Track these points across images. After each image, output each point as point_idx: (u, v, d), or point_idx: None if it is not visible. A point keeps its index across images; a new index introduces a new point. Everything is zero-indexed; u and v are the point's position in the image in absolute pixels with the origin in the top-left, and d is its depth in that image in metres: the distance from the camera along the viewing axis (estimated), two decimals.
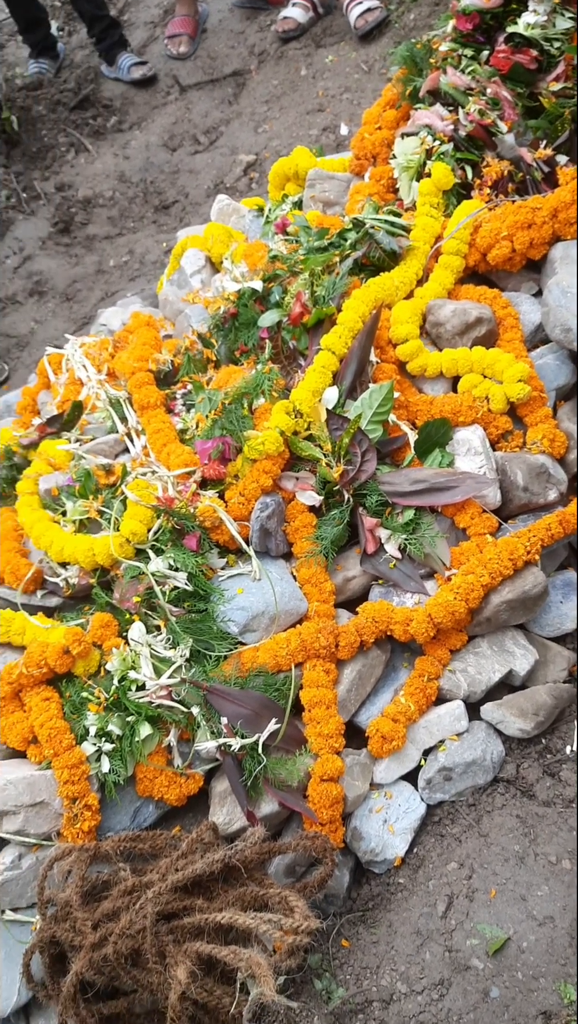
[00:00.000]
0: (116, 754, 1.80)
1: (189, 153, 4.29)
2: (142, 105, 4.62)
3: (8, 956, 1.72)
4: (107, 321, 2.89)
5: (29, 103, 4.56)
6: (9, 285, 3.93)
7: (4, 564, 2.06)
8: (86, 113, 4.62)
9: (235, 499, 1.98)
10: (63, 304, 3.80)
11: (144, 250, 3.88)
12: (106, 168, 4.35)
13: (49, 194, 4.29)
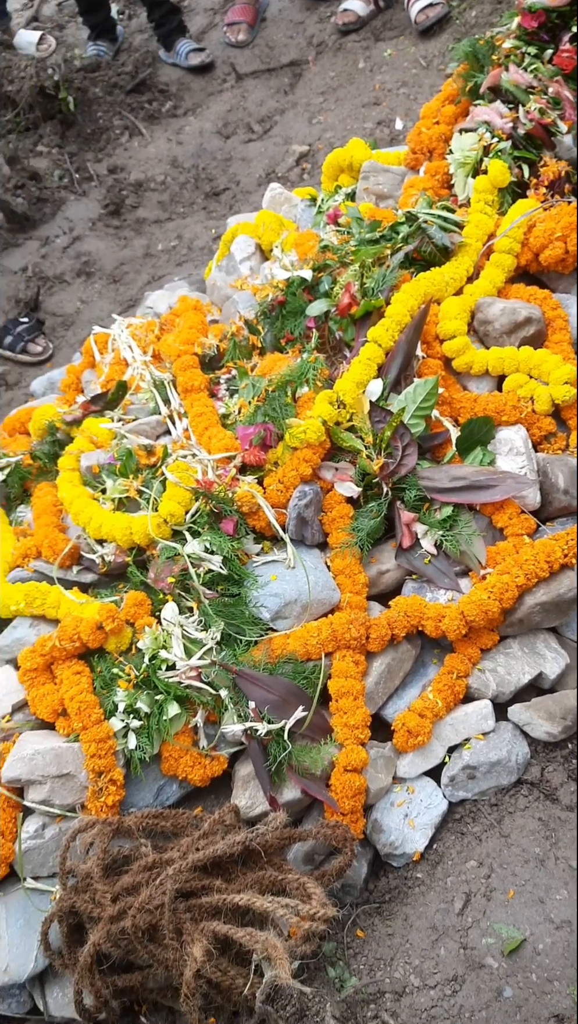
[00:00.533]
0: (143, 731, 1.82)
1: (242, 141, 4.29)
2: (198, 91, 4.63)
3: (27, 923, 1.74)
4: (153, 304, 2.91)
5: (86, 85, 4.59)
6: (57, 264, 3.96)
7: (42, 538, 2.09)
8: (142, 97, 4.64)
9: (274, 486, 1.98)
10: (109, 285, 3.82)
11: (192, 236, 3.89)
12: (159, 152, 4.37)
13: (101, 176, 4.31)
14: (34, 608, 1.97)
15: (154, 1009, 1.77)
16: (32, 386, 2.90)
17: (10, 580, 2.05)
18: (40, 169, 4.32)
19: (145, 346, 2.43)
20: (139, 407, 2.30)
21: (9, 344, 3.54)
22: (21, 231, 4.12)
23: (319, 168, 3.86)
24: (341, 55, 4.43)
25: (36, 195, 4.20)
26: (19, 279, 3.92)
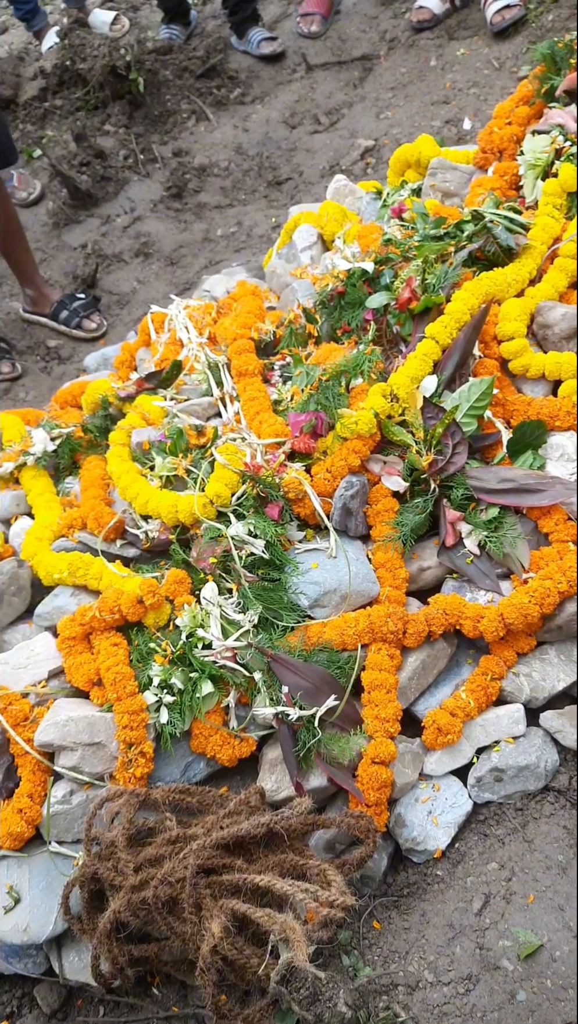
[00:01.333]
0: (175, 707, 1.83)
1: (308, 132, 4.29)
2: (267, 80, 4.64)
3: (49, 886, 1.77)
4: (211, 288, 2.92)
5: (157, 67, 4.61)
6: (117, 243, 3.99)
7: (88, 510, 2.11)
8: (211, 82, 4.66)
9: (321, 474, 1.99)
10: (167, 267, 3.84)
11: (252, 223, 3.90)
12: (224, 138, 4.38)
13: (166, 158, 4.34)
14: (76, 578, 1.99)
15: (167, 981, 1.79)
16: (85, 361, 2.93)
17: (54, 549, 2.08)
18: (106, 148, 4.35)
19: (201, 328, 2.44)
20: (192, 388, 2.32)
21: (65, 319, 3.58)
22: (83, 208, 4.16)
23: (383, 163, 3.86)
24: (413, 52, 4.41)
25: (100, 173, 4.23)
26: (78, 255, 3.96)
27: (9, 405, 3.33)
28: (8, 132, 3.19)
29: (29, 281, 3.58)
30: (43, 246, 4.04)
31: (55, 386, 3.34)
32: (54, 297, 3.62)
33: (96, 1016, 1.78)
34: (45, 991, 1.81)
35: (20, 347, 3.60)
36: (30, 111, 4.69)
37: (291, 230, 2.76)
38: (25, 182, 4.29)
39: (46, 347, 3.58)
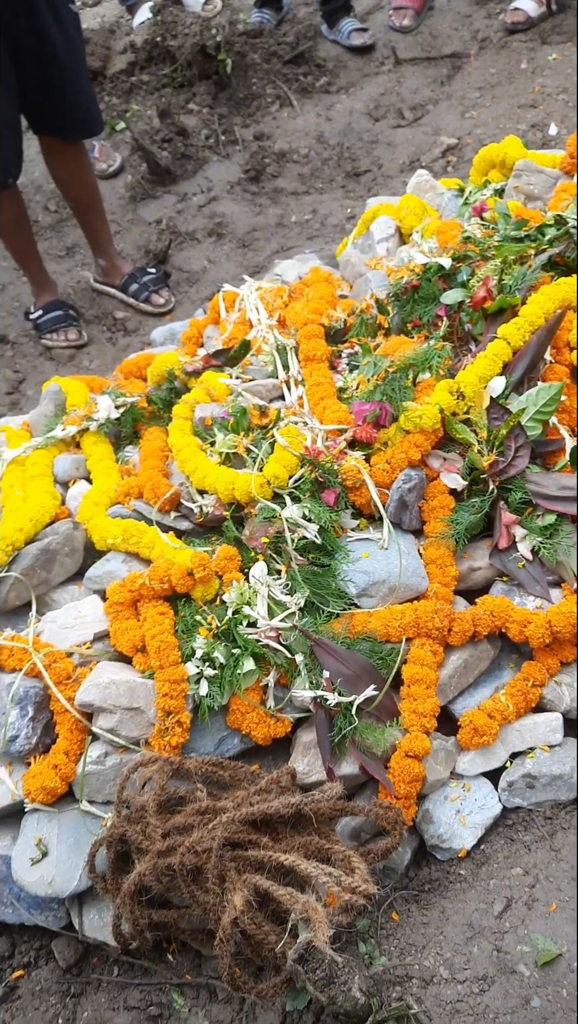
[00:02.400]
0: (216, 681, 1.85)
1: (391, 126, 4.28)
2: (354, 71, 4.63)
3: (76, 843, 1.80)
4: (282, 272, 2.93)
5: (246, 50, 4.62)
6: (191, 221, 4.01)
7: (146, 480, 2.13)
8: (298, 69, 4.66)
9: (381, 465, 1.99)
10: (238, 249, 3.86)
11: (327, 212, 3.90)
12: (307, 126, 4.38)
13: (246, 141, 4.35)
14: (129, 545, 2.01)
15: (182, 949, 1.81)
16: (152, 334, 2.96)
17: (109, 515, 2.10)
18: (188, 126, 4.38)
19: (272, 310, 2.45)
20: (257, 369, 2.33)
21: (134, 292, 3.61)
22: (161, 184, 4.19)
23: (464, 162, 3.84)
24: (504, 53, 4.37)
25: (181, 151, 4.26)
26: (152, 231, 3.99)
27: (72, 371, 3.37)
28: (96, 102, 3.22)
29: (102, 252, 3.62)
30: (118, 219, 4.08)
31: (119, 357, 3.38)
32: (125, 270, 3.66)
33: (110, 975, 1.81)
34: (63, 945, 1.84)
35: (88, 316, 3.64)
36: (117, 84, 4.72)
37: (369, 220, 2.75)
38: (106, 154, 4.33)
39: (113, 318, 3.62)
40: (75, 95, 3.05)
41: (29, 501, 2.13)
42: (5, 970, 1.85)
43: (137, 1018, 1.73)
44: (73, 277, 3.86)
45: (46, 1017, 1.77)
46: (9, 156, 3.05)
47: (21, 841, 1.82)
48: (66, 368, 3.41)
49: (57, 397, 2.48)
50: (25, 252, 3.41)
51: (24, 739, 1.85)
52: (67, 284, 3.80)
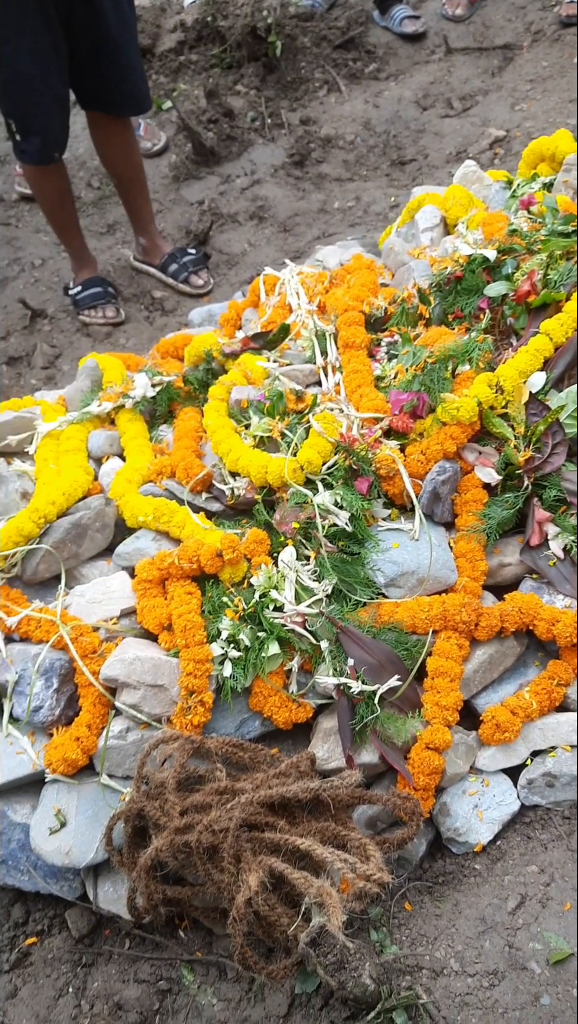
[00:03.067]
0: (240, 663, 1.85)
1: (439, 116, 4.24)
2: (404, 58, 4.59)
3: (95, 816, 1.81)
4: (323, 258, 2.91)
5: (296, 33, 4.59)
6: (233, 204, 4.00)
7: (179, 460, 2.13)
8: (348, 54, 4.62)
9: (415, 456, 1.98)
10: (279, 233, 3.84)
11: (371, 200, 3.87)
12: (354, 112, 4.35)
13: (292, 125, 4.32)
14: (160, 523, 2.02)
15: (194, 926, 1.82)
16: (190, 315, 2.95)
17: (141, 493, 2.11)
18: (235, 108, 4.36)
19: (312, 296, 2.44)
20: (295, 353, 2.32)
21: (173, 272, 3.61)
22: (205, 165, 4.18)
23: (512, 155, 3.79)
24: (557, 47, 4.31)
25: (226, 132, 4.25)
26: (194, 211, 3.98)
27: (109, 349, 3.38)
28: (145, 80, 3.21)
29: (144, 230, 3.62)
30: (161, 198, 4.07)
31: (155, 336, 3.38)
32: (165, 249, 3.66)
33: (121, 948, 1.82)
34: (76, 915, 1.86)
35: (126, 294, 3.64)
36: (165, 63, 4.71)
37: (414, 209, 2.73)
38: (151, 132, 4.32)
39: (151, 297, 3.62)
40: (125, 71, 3.05)
41: (63, 475, 2.14)
42: (18, 936, 1.87)
43: (147, 992, 1.75)
44: (113, 255, 3.86)
45: (57, 985, 1.79)
46: (56, 130, 3.05)
47: (40, 810, 1.84)
48: (102, 345, 3.42)
49: (94, 373, 2.49)
50: (67, 227, 3.42)
51: (48, 710, 1.87)
52: (107, 261, 3.81)
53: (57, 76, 2.93)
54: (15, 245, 3.92)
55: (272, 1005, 1.67)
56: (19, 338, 3.48)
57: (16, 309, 3.58)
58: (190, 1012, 1.71)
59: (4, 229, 4.00)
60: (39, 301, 3.63)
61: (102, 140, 3.30)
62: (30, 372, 3.35)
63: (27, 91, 2.90)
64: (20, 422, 2.35)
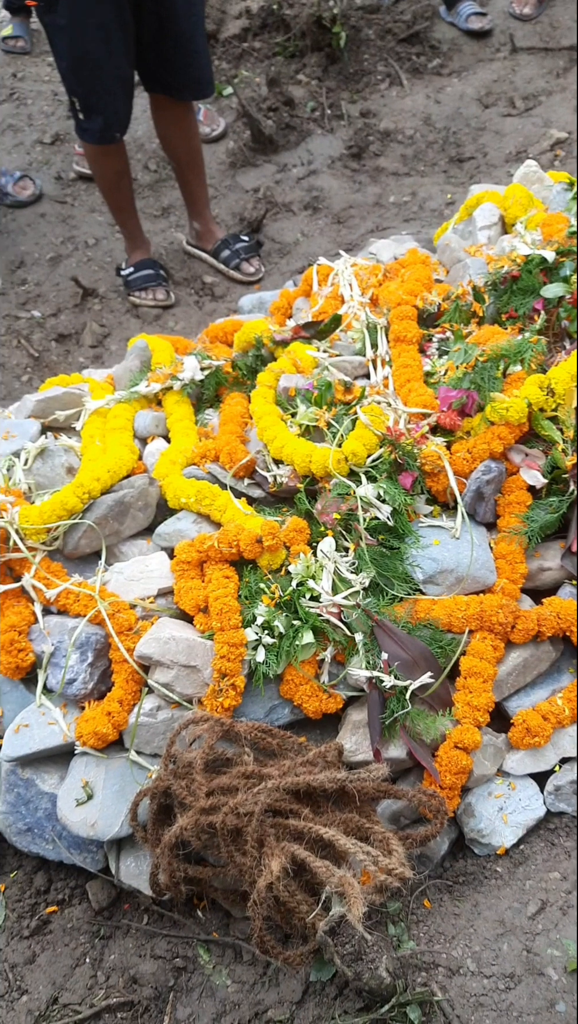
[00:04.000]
0: (273, 650, 1.86)
1: (501, 114, 4.20)
2: (469, 55, 4.55)
3: (121, 791, 1.83)
4: (377, 251, 2.90)
5: (361, 25, 4.58)
6: (288, 193, 4.00)
7: (223, 444, 2.14)
8: (412, 48, 4.60)
9: (462, 454, 1.97)
10: (332, 225, 3.83)
11: (427, 195, 3.85)
12: (414, 107, 4.32)
13: (352, 117, 4.31)
14: (202, 506, 2.03)
15: (212, 907, 1.84)
16: (241, 301, 2.96)
17: (184, 475, 2.12)
18: (296, 97, 4.35)
19: (365, 288, 2.43)
20: (345, 345, 2.31)
21: (225, 258, 3.61)
22: (262, 153, 4.18)
23: (573, 158, 3.75)
24: None
25: (286, 121, 4.24)
26: (249, 199, 3.99)
27: (157, 331, 3.39)
28: (209, 64, 3.21)
29: (198, 215, 3.63)
30: (216, 184, 4.08)
31: (204, 320, 3.39)
32: (219, 235, 3.66)
33: (140, 923, 1.84)
34: (97, 888, 1.88)
35: (177, 278, 3.66)
36: (228, 49, 4.71)
37: (472, 207, 2.71)
38: (211, 118, 4.33)
39: (202, 282, 3.63)
40: (190, 55, 3.05)
41: (108, 452, 2.16)
42: (39, 904, 1.89)
43: (162, 967, 1.76)
44: (166, 238, 3.88)
45: (74, 954, 1.81)
46: (119, 110, 3.07)
47: (68, 782, 1.86)
48: (151, 327, 3.43)
49: (143, 354, 2.50)
50: (123, 208, 3.44)
51: (81, 683, 1.89)
52: (160, 244, 3.82)
53: (123, 57, 2.94)
54: (70, 224, 3.95)
55: (286, 991, 1.68)
56: (69, 315, 3.51)
57: (68, 287, 3.61)
58: (204, 991, 1.73)
59: (60, 207, 4.03)
60: (91, 280, 3.65)
61: (163, 123, 3.31)
62: (78, 350, 3.38)
63: (93, 70, 2.92)
64: (69, 398, 2.37)
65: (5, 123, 4.57)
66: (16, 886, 1.92)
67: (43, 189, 4.11)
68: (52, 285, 3.65)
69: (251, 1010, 1.68)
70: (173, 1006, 1.72)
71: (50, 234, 3.90)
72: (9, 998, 1.77)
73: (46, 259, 3.78)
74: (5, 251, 3.81)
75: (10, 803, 1.90)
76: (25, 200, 4.02)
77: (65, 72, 2.97)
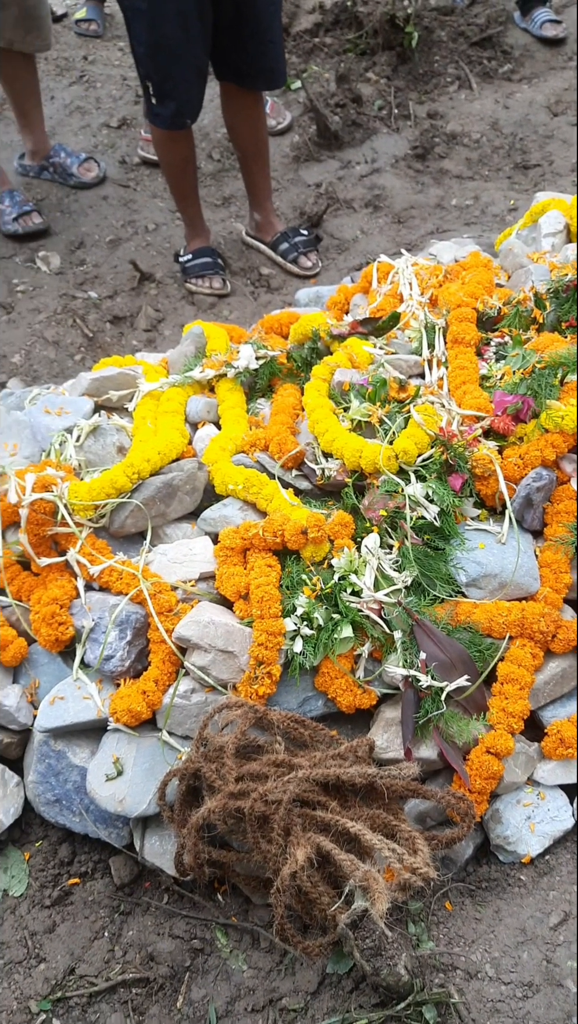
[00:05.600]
0: (311, 641, 1.86)
1: (569, 123, 4.16)
2: (541, 62, 4.52)
3: (151, 769, 1.84)
4: (437, 253, 2.88)
5: (434, 26, 4.56)
6: (350, 190, 3.99)
7: (274, 434, 2.14)
8: (483, 52, 4.57)
9: (513, 459, 1.96)
10: (392, 224, 3.82)
11: (489, 200, 3.82)
12: (483, 111, 4.30)
13: (419, 118, 4.29)
14: (249, 494, 2.03)
15: (232, 891, 1.84)
16: (298, 294, 2.96)
17: (233, 462, 2.13)
18: (364, 95, 4.35)
19: (425, 288, 2.43)
20: (401, 343, 2.31)
21: (283, 251, 3.62)
22: (327, 148, 4.18)
23: None
24: None
25: (352, 118, 4.23)
26: (310, 193, 3.99)
27: (211, 319, 3.41)
28: (283, 56, 3.21)
29: (259, 206, 3.64)
30: (279, 177, 4.08)
31: (258, 311, 3.40)
32: (278, 228, 3.67)
33: (160, 901, 1.85)
34: (120, 863, 1.90)
35: (234, 267, 3.67)
36: (299, 43, 4.72)
37: (537, 213, 2.69)
38: (277, 111, 4.33)
39: (258, 273, 3.64)
40: (265, 45, 3.06)
41: (159, 435, 2.17)
42: (62, 875, 1.91)
43: (180, 948, 1.77)
44: (226, 227, 3.89)
45: (93, 927, 1.83)
46: (192, 97, 3.08)
47: (99, 756, 1.87)
48: (205, 315, 3.45)
49: (199, 340, 2.51)
50: (186, 195, 3.45)
51: (118, 660, 1.90)
52: (219, 233, 3.84)
53: (199, 44, 2.96)
54: (132, 208, 3.98)
55: (302, 980, 1.69)
56: (125, 298, 3.53)
57: (126, 270, 3.63)
58: (220, 974, 1.74)
59: (123, 191, 4.06)
60: (149, 265, 3.68)
61: (232, 112, 3.32)
62: (132, 333, 3.40)
63: (169, 56, 2.93)
64: (123, 378, 2.39)
65: (73, 105, 4.61)
66: (40, 855, 1.94)
67: (107, 172, 4.14)
68: (110, 267, 3.68)
69: (266, 997, 1.68)
70: (188, 986, 1.73)
71: (111, 217, 3.93)
72: (27, 964, 1.79)
73: (106, 241, 3.81)
74: (66, 231, 3.85)
75: (40, 773, 1.92)
76: (89, 182, 4.05)
77: (141, 56, 2.99)
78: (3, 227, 3.78)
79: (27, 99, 3.85)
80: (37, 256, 3.71)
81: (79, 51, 5.01)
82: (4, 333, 3.38)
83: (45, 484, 2.02)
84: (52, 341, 3.33)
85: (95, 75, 4.82)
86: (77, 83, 4.77)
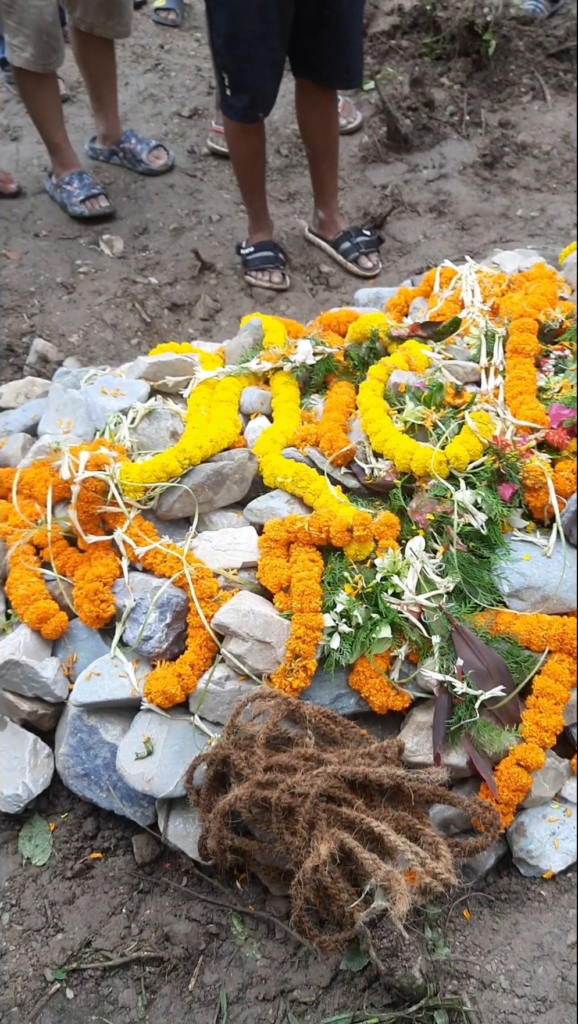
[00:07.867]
0: (348, 639, 1.86)
1: None
2: None
3: (180, 752, 1.86)
4: (501, 262, 2.87)
5: (512, 35, 4.53)
6: (416, 193, 3.98)
7: (325, 430, 2.15)
8: (560, 64, 4.53)
9: (566, 473, 1.94)
10: (455, 231, 3.81)
11: (555, 213, 3.79)
12: (555, 123, 4.26)
13: (490, 126, 4.27)
14: (297, 487, 2.04)
15: (251, 880, 1.85)
16: (357, 294, 2.96)
17: (283, 455, 2.14)
18: (436, 99, 4.33)
19: (487, 296, 2.42)
20: (460, 349, 2.30)
21: (345, 250, 3.62)
22: (395, 151, 4.18)
23: None
24: None
25: (423, 122, 4.22)
26: (375, 194, 3.98)
27: (268, 312, 3.42)
28: (361, 56, 3.21)
29: (324, 204, 3.64)
30: (345, 176, 4.09)
31: (316, 308, 3.41)
32: (341, 226, 3.67)
33: (179, 883, 1.87)
34: (143, 842, 1.92)
35: (295, 263, 3.68)
36: (375, 44, 4.71)
37: None
38: (348, 110, 4.34)
39: (318, 270, 3.64)
40: (344, 43, 3.06)
41: (212, 423, 2.19)
42: (85, 849, 1.94)
43: (196, 930, 1.79)
44: (289, 223, 3.90)
45: (112, 903, 1.85)
46: (266, 91, 3.09)
47: (131, 735, 1.90)
48: (263, 308, 3.46)
49: (257, 332, 2.53)
50: (253, 188, 3.47)
51: (156, 642, 1.92)
52: (282, 228, 3.85)
53: (278, 38, 2.97)
54: (197, 197, 4.01)
55: (314, 974, 1.69)
56: (185, 287, 3.56)
57: (188, 258, 3.66)
58: (233, 961, 1.75)
59: (189, 180, 4.09)
60: (210, 255, 3.70)
61: (306, 108, 3.33)
62: (189, 321, 3.43)
63: (246, 49, 2.95)
64: (180, 365, 2.41)
65: (147, 92, 4.65)
66: (65, 827, 1.96)
67: (175, 160, 4.17)
68: (172, 255, 3.71)
69: (277, 987, 1.69)
70: (201, 969, 1.74)
71: (176, 205, 3.96)
72: (45, 933, 1.82)
73: (169, 229, 3.84)
74: (131, 216, 3.89)
75: (72, 746, 1.95)
76: (157, 169, 4.09)
77: (219, 47, 3.01)
78: (70, 208, 3.83)
79: (103, 83, 3.89)
80: (101, 239, 3.75)
81: (156, 39, 5.05)
82: (64, 312, 3.42)
83: (98, 463, 2.04)
84: (110, 324, 3.36)
85: (170, 64, 4.86)
86: (152, 71, 4.81)
